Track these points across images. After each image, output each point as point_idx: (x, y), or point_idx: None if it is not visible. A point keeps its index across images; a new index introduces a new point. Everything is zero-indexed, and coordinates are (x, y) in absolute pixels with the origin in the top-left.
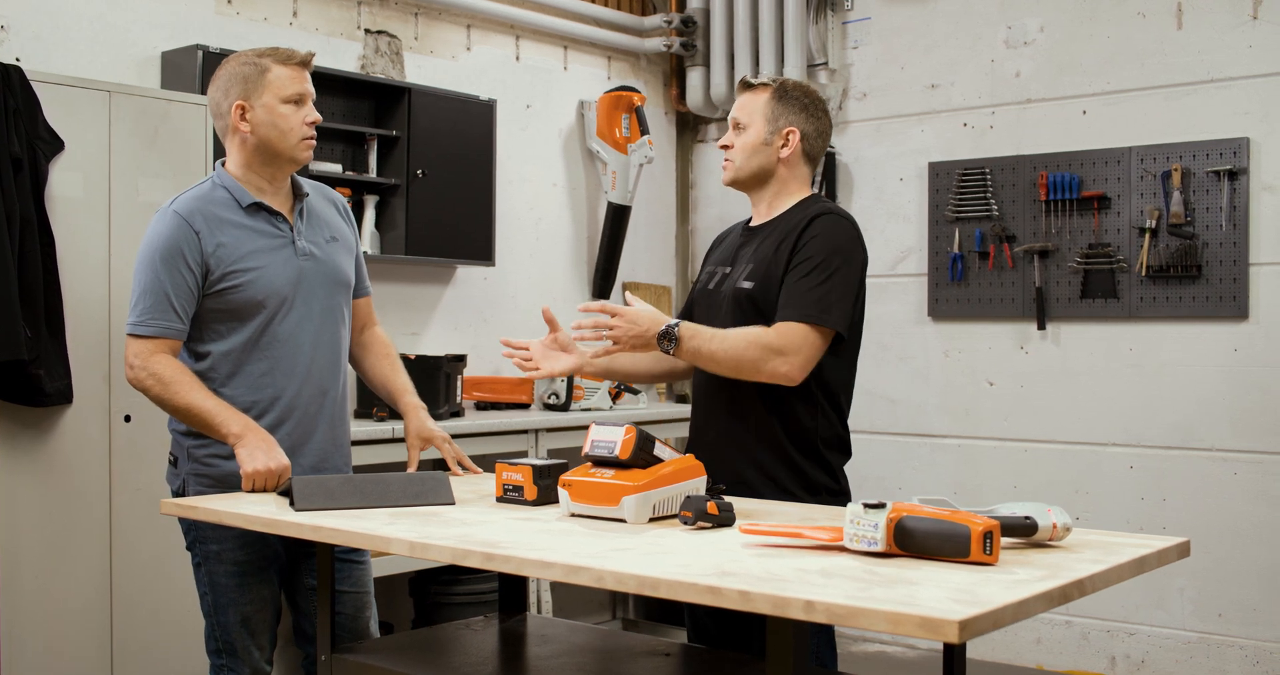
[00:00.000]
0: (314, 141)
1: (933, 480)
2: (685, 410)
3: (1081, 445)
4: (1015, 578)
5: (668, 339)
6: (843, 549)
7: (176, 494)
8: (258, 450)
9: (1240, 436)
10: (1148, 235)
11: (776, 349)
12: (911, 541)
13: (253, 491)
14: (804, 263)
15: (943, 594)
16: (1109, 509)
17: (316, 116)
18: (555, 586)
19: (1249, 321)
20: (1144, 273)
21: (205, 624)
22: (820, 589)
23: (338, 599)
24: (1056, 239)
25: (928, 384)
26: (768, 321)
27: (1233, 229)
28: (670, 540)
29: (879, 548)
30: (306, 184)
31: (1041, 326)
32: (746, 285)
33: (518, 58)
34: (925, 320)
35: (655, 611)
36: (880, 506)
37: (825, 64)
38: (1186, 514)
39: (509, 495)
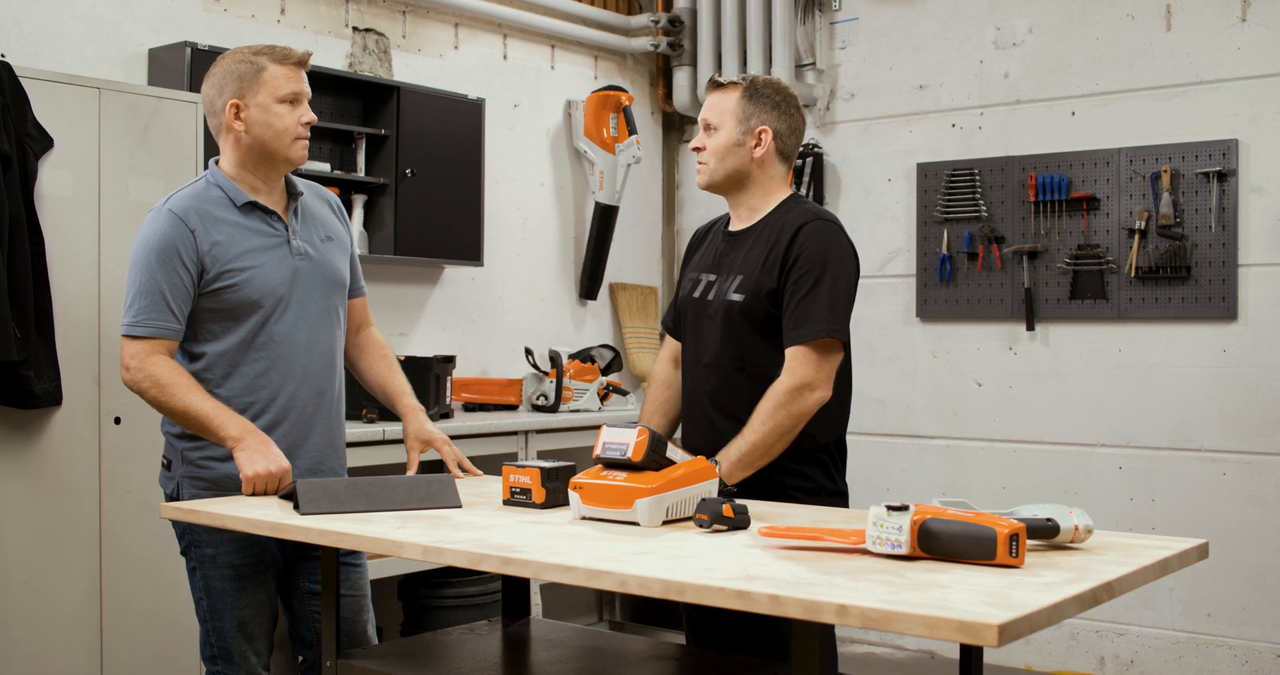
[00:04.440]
0: (309, 141)
1: (921, 481)
2: None
3: (1070, 446)
4: (1044, 580)
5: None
6: (864, 552)
7: (171, 498)
8: (257, 453)
9: (1229, 437)
10: (1137, 236)
11: (799, 390)
12: (936, 544)
13: (253, 495)
14: (803, 277)
15: (975, 597)
16: (1098, 510)
17: (312, 117)
18: (544, 589)
19: (1238, 322)
20: (1133, 274)
21: (200, 629)
22: (850, 592)
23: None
24: (1045, 240)
25: (916, 385)
26: (758, 331)
27: (1221, 230)
28: (688, 543)
29: (903, 550)
30: (300, 183)
31: (1030, 327)
32: (736, 298)
33: (505, 57)
34: (913, 321)
35: (643, 613)
36: (903, 509)
37: (813, 64)
38: (1176, 515)
39: (516, 498)
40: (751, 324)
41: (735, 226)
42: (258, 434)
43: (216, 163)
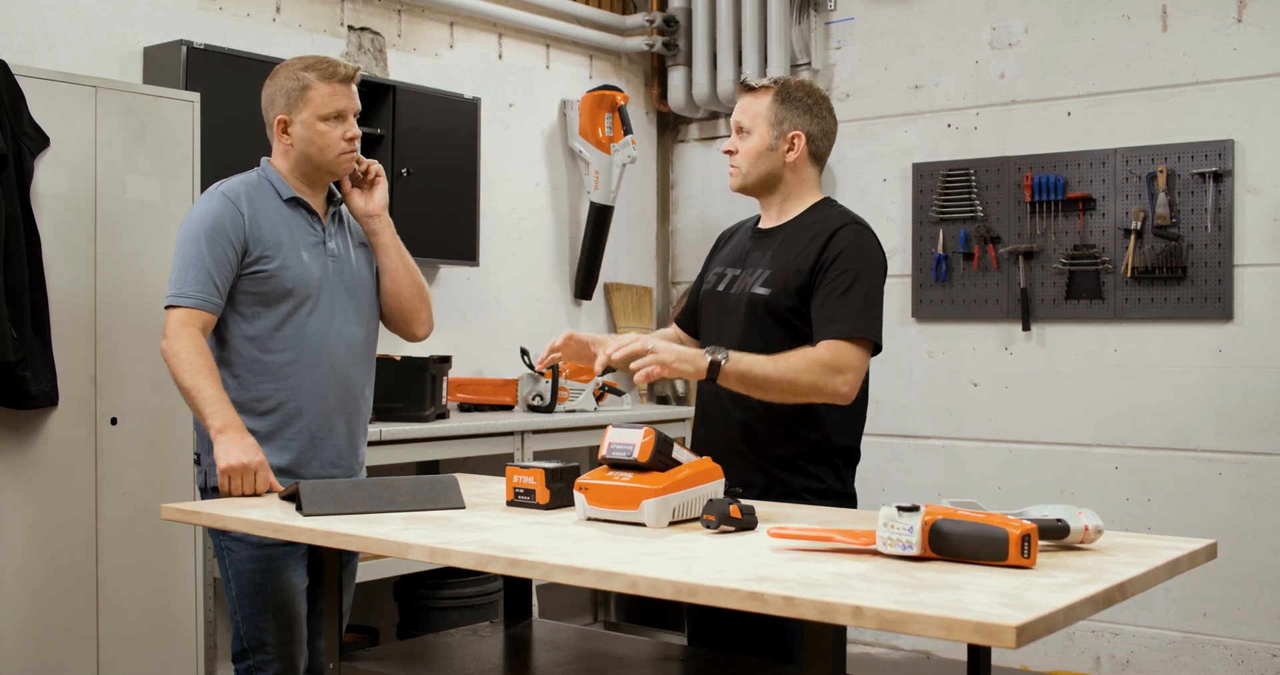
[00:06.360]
0: (354, 155)
1: (917, 481)
2: (668, 412)
3: (1066, 446)
4: (1057, 581)
5: (713, 366)
6: (874, 552)
7: (203, 488)
8: (234, 446)
9: (1225, 437)
10: (1133, 237)
11: (835, 368)
12: (947, 545)
13: (229, 494)
14: (840, 277)
15: (989, 598)
16: (1095, 509)
17: (356, 132)
18: (539, 589)
19: (1234, 323)
20: (1129, 274)
21: (232, 627)
22: (864, 594)
23: (324, 597)
24: (1041, 240)
25: (911, 385)
26: (782, 325)
27: (1217, 230)
28: (696, 545)
29: (914, 551)
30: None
31: (1026, 327)
32: (762, 291)
33: (501, 56)
34: (909, 321)
35: (638, 614)
36: (914, 509)
37: (808, 64)
38: (1172, 514)
39: (520, 499)
40: (775, 318)
41: (765, 225)
42: (241, 430)
43: (268, 159)
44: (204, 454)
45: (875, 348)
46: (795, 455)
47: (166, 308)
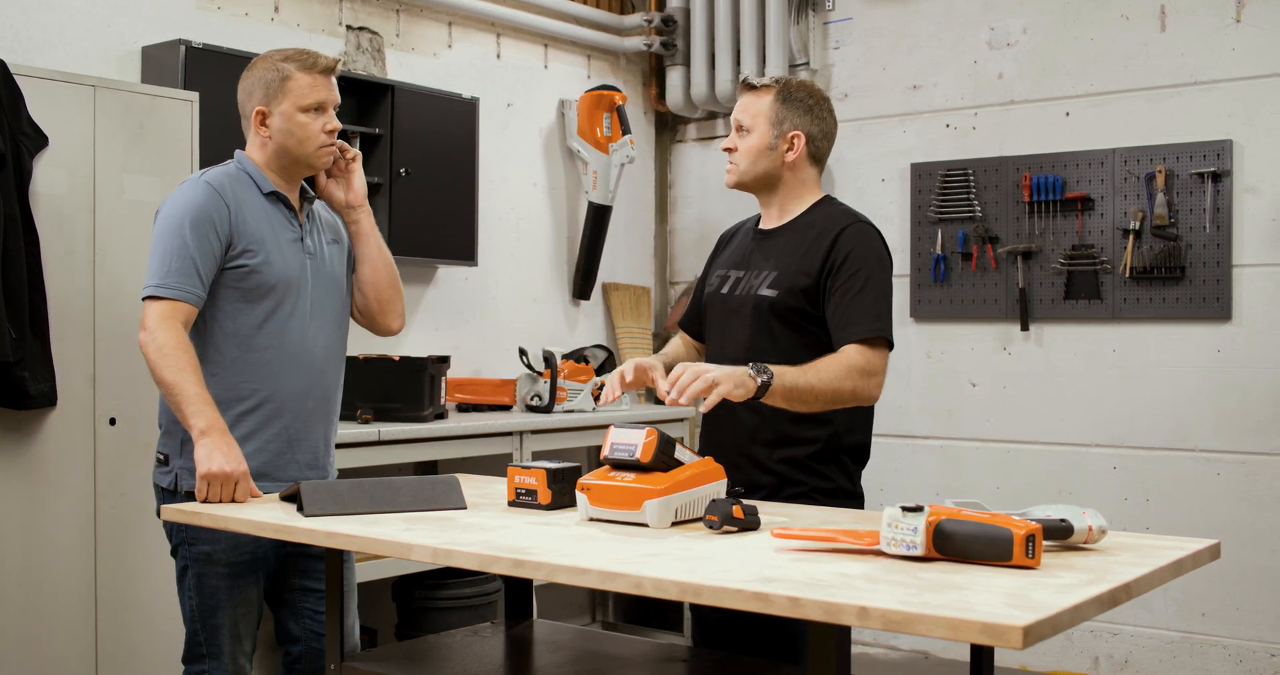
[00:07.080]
0: (334, 148)
1: (915, 481)
2: (667, 412)
3: (1065, 446)
4: (1062, 582)
5: (763, 387)
6: (878, 553)
7: (167, 491)
8: (217, 451)
9: (1223, 437)
10: (1131, 237)
11: (868, 372)
12: (951, 545)
13: (206, 501)
14: (851, 279)
15: (995, 599)
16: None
17: (336, 124)
18: (537, 589)
19: (1232, 323)
20: (1127, 274)
21: (186, 631)
22: (869, 594)
23: (319, 599)
24: (1040, 240)
25: (910, 385)
26: (789, 326)
27: (1216, 230)
28: (700, 545)
29: (918, 552)
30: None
31: (1025, 327)
32: (769, 293)
33: (499, 56)
34: (908, 321)
35: (635, 614)
36: (918, 510)
37: (806, 64)
38: (1170, 515)
39: (521, 499)
40: (781, 320)
41: (766, 225)
42: (225, 434)
43: (243, 151)
44: (174, 455)
45: (890, 345)
46: (807, 456)
47: (146, 298)
